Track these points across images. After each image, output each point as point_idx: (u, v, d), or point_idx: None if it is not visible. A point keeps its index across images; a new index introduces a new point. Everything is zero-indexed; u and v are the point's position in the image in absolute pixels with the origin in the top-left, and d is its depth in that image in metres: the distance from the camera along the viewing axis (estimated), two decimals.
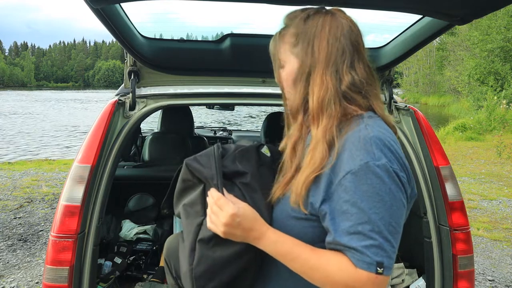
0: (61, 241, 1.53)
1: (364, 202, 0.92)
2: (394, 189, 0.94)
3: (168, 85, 2.04)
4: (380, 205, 0.92)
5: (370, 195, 0.92)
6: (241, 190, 1.09)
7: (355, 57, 1.06)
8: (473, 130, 13.16)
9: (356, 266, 0.92)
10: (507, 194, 6.28)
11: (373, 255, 0.92)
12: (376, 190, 0.93)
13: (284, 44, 1.13)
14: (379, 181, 0.93)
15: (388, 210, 0.93)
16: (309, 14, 1.10)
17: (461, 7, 1.37)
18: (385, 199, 0.93)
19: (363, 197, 0.93)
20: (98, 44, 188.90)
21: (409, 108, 2.02)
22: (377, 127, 1.00)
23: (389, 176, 0.93)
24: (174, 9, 1.91)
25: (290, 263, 0.99)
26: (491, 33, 20.07)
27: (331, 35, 1.05)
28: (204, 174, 1.10)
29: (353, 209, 0.93)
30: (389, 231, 0.92)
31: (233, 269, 1.06)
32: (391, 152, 0.96)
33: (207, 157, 1.13)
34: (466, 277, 1.77)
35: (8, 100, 40.48)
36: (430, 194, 1.84)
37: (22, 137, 14.65)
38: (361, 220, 0.92)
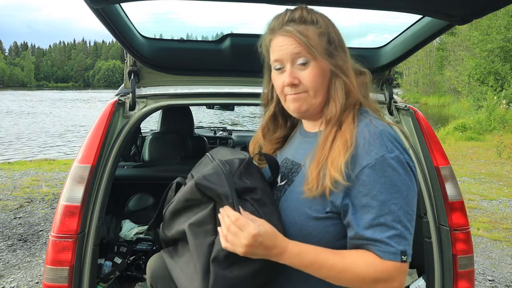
0: (61, 241, 1.53)
1: (384, 194, 0.96)
2: (408, 179, 0.99)
3: (168, 85, 2.04)
4: (398, 195, 0.97)
5: (388, 187, 0.97)
6: (254, 206, 1.05)
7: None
8: (473, 130, 13.15)
9: (382, 258, 0.96)
10: (507, 194, 6.28)
11: (397, 244, 0.96)
12: (393, 181, 0.97)
13: (309, 39, 1.08)
14: (395, 172, 0.97)
15: (405, 199, 0.97)
16: (327, 18, 1.15)
17: (461, 7, 1.37)
18: (402, 189, 0.97)
19: (382, 190, 0.97)
20: (98, 44, 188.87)
21: (409, 108, 2.02)
22: (380, 122, 1.07)
23: (403, 167, 0.99)
24: (174, 9, 1.91)
25: (317, 272, 1.00)
26: (491, 33, 20.06)
27: (337, 31, 1.15)
28: (218, 192, 1.04)
29: (373, 202, 0.97)
30: (408, 220, 0.98)
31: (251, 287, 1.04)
32: (399, 144, 1.02)
33: (217, 175, 1.07)
34: (466, 277, 1.77)
35: (14, 100, 40.50)
36: (430, 194, 1.84)
37: (47, 136, 14.85)
38: (382, 212, 0.96)
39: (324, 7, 1.36)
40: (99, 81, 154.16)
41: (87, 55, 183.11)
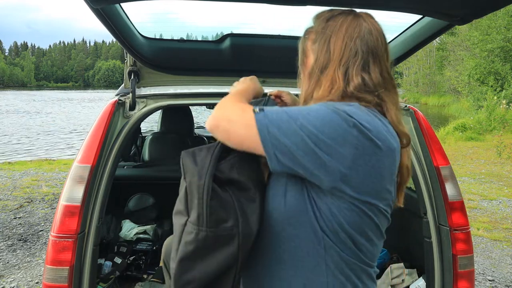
0: (61, 241, 1.53)
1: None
2: (333, 116, 0.94)
3: (168, 85, 2.04)
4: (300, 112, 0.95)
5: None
6: (232, 197, 1.02)
7: (369, 60, 1.06)
8: (473, 130, 13.15)
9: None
10: (507, 194, 6.28)
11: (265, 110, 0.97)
12: (314, 107, 0.96)
13: (307, 40, 1.16)
14: (319, 107, 0.96)
15: (304, 115, 0.94)
16: (333, 15, 1.12)
17: (461, 7, 1.37)
18: (310, 112, 0.95)
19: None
20: (98, 44, 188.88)
21: (409, 108, 2.02)
22: (362, 111, 0.99)
23: (334, 111, 0.94)
24: (174, 9, 1.91)
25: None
26: (491, 33, 20.06)
27: (347, 35, 1.07)
28: (192, 171, 1.01)
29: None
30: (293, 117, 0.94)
31: (211, 274, 1.01)
32: (342, 108, 0.96)
33: (205, 153, 1.05)
34: (466, 277, 1.77)
35: (18, 100, 40.55)
36: (430, 194, 1.84)
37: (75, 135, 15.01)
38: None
39: (324, 7, 1.36)
40: (99, 81, 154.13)
41: (87, 55, 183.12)
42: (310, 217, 0.98)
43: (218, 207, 0.98)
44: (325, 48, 1.08)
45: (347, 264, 1.01)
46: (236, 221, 0.98)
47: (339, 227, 0.96)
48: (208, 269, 1.00)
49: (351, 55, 1.06)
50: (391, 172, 1.00)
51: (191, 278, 1.02)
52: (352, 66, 1.05)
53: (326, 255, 0.99)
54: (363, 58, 1.06)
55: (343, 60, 1.05)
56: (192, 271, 1.01)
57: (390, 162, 0.99)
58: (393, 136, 1.02)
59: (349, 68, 1.05)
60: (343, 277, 1.01)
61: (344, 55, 1.06)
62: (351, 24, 1.08)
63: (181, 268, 1.02)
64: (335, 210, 0.95)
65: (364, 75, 1.05)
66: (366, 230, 0.99)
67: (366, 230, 0.99)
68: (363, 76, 1.05)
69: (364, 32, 1.07)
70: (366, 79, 1.05)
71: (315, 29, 1.13)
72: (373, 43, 1.08)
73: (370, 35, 1.08)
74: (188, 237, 0.99)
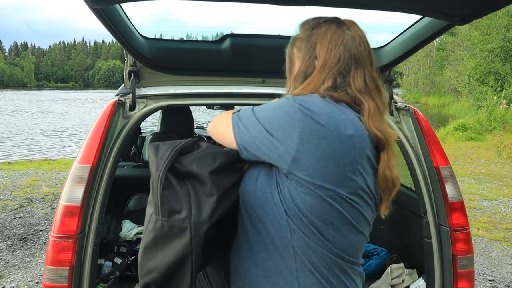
0: (61, 241, 1.53)
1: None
2: (284, 110, 1.01)
3: (168, 85, 2.04)
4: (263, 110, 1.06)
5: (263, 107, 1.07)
6: (189, 190, 1.04)
7: (351, 66, 1.10)
8: (473, 130, 13.15)
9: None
10: (507, 194, 6.28)
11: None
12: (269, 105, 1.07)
13: (293, 48, 1.21)
14: (279, 100, 1.05)
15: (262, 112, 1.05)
16: (318, 23, 1.16)
17: (461, 7, 1.37)
18: (268, 108, 1.06)
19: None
20: (98, 44, 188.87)
21: (409, 108, 2.02)
22: (319, 99, 1.04)
23: (288, 101, 1.02)
24: (174, 9, 1.91)
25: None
26: (491, 33, 20.05)
27: (331, 42, 1.11)
28: (152, 162, 1.05)
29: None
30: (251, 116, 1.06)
31: (170, 263, 1.05)
32: (300, 99, 1.03)
33: (168, 146, 1.08)
34: (466, 277, 1.77)
35: (23, 100, 40.60)
36: (430, 194, 1.84)
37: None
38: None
39: (324, 7, 1.36)
40: (99, 81, 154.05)
41: (87, 55, 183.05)
42: (276, 200, 1.04)
43: (172, 198, 1.02)
44: (310, 55, 1.13)
45: (315, 252, 1.02)
46: (189, 213, 1.01)
47: (299, 211, 1.01)
48: (166, 258, 1.04)
49: (334, 61, 1.10)
50: (351, 159, 1.00)
51: (152, 267, 1.07)
52: (333, 72, 1.09)
53: (293, 239, 1.02)
54: (345, 64, 1.10)
55: (327, 66, 1.10)
56: (154, 260, 1.06)
57: (346, 148, 1.00)
58: (354, 124, 1.03)
59: (329, 74, 1.09)
60: (311, 265, 1.02)
61: (328, 61, 1.10)
62: (336, 32, 1.12)
63: (144, 256, 1.08)
64: (294, 194, 1.01)
65: (338, 78, 1.09)
66: (330, 217, 1.01)
67: (329, 217, 1.01)
68: (336, 78, 1.09)
69: (347, 39, 1.11)
70: (337, 81, 1.09)
71: (300, 37, 1.19)
72: (356, 50, 1.11)
73: (353, 42, 1.12)
74: (150, 226, 1.05)
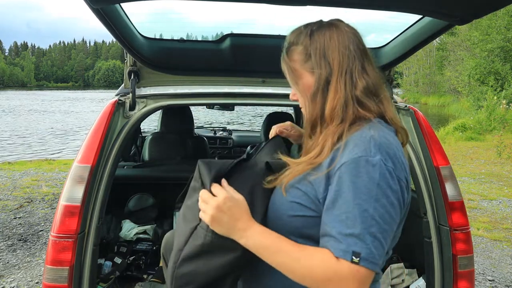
0: (61, 241, 1.53)
1: (351, 193, 0.94)
2: (384, 185, 0.95)
3: (168, 85, 2.04)
4: (366, 198, 0.94)
5: (358, 186, 0.95)
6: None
7: (364, 61, 1.11)
8: (473, 130, 13.15)
9: (334, 254, 0.94)
10: (507, 194, 6.28)
11: (350, 243, 0.93)
12: (364, 183, 0.94)
13: (293, 62, 1.16)
14: (368, 175, 0.95)
15: (373, 204, 0.94)
16: (312, 29, 1.13)
17: (461, 7, 1.37)
18: (372, 193, 0.94)
19: (350, 188, 0.95)
20: (98, 44, 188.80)
21: (409, 108, 2.02)
22: (381, 131, 1.04)
23: (380, 172, 0.95)
24: (174, 9, 1.91)
25: (272, 256, 1.00)
26: (491, 33, 20.05)
27: (340, 44, 1.10)
28: (203, 179, 1.08)
29: (340, 199, 0.96)
30: (371, 225, 0.93)
31: (211, 276, 1.06)
32: (387, 152, 0.98)
33: (219, 165, 1.10)
34: (466, 277, 1.77)
35: (29, 99, 40.65)
36: (430, 194, 1.84)
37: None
38: (344, 210, 0.95)
39: (324, 8, 1.36)
40: (99, 81, 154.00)
41: (87, 55, 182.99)
42: None
43: None
44: (323, 63, 1.10)
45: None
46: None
47: None
48: (210, 272, 1.04)
49: (350, 61, 1.09)
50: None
51: (191, 279, 1.06)
52: (354, 71, 1.09)
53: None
54: (360, 61, 1.10)
55: (344, 68, 1.08)
56: (193, 271, 1.06)
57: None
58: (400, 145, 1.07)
59: (352, 74, 1.08)
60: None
61: (343, 63, 1.08)
62: (338, 33, 1.11)
63: (184, 267, 1.06)
64: None
65: (365, 77, 1.09)
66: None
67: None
68: (364, 78, 1.09)
69: (351, 37, 1.12)
70: (368, 81, 1.09)
71: (300, 48, 1.14)
72: (361, 45, 1.13)
73: (356, 37, 1.13)
74: (197, 241, 1.05)
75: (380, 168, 0.95)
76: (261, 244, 1.01)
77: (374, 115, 1.07)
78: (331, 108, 1.07)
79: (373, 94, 1.09)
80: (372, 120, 1.06)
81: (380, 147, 0.98)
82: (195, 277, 1.06)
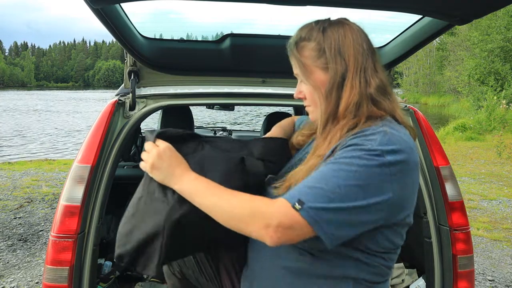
0: (61, 241, 1.53)
1: (331, 168, 0.96)
2: (377, 171, 0.93)
3: (168, 85, 2.04)
4: (343, 174, 0.93)
5: (341, 163, 0.95)
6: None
7: (376, 60, 1.11)
8: (473, 130, 13.15)
9: (274, 195, 0.99)
10: (507, 194, 6.28)
11: (302, 193, 0.95)
12: (353, 163, 0.94)
13: (304, 58, 1.14)
14: (360, 159, 0.94)
15: (349, 181, 0.93)
16: (324, 26, 1.12)
17: (461, 7, 1.37)
18: (351, 172, 0.93)
19: (332, 164, 0.96)
20: (98, 44, 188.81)
21: (409, 108, 2.02)
22: (395, 127, 1.03)
23: (375, 158, 0.94)
24: (174, 9, 1.91)
25: (204, 198, 1.05)
26: (491, 33, 20.05)
27: (355, 42, 1.09)
28: (149, 138, 1.23)
29: (318, 171, 0.98)
30: (334, 191, 0.92)
31: (143, 239, 1.16)
32: (395, 147, 0.96)
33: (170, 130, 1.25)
34: (466, 277, 1.77)
35: (34, 99, 40.70)
36: (430, 194, 1.84)
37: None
38: (315, 177, 0.97)
39: (324, 8, 1.36)
40: (99, 81, 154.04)
41: (87, 55, 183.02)
42: None
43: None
44: (338, 59, 1.08)
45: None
46: (172, 198, 1.14)
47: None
48: (140, 235, 1.17)
49: (365, 60, 1.09)
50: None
51: (128, 240, 1.21)
52: (368, 70, 1.09)
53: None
54: (373, 60, 1.10)
55: (359, 66, 1.08)
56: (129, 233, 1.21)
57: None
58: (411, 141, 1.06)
59: (366, 73, 1.08)
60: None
61: (358, 60, 1.08)
62: (352, 31, 1.11)
63: (123, 227, 1.24)
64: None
65: (377, 76, 1.09)
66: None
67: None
68: (377, 77, 1.09)
69: (363, 35, 1.12)
70: (380, 80, 1.09)
71: (312, 44, 1.12)
72: (371, 44, 1.13)
73: (366, 35, 1.13)
74: (134, 199, 1.31)
75: (375, 155, 0.94)
76: (195, 187, 1.07)
77: (387, 113, 1.07)
78: (346, 105, 1.06)
79: (386, 93, 1.09)
80: (385, 118, 1.06)
81: (389, 141, 0.96)
82: (130, 238, 1.18)
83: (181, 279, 1.59)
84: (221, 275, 1.44)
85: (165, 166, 1.12)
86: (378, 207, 0.95)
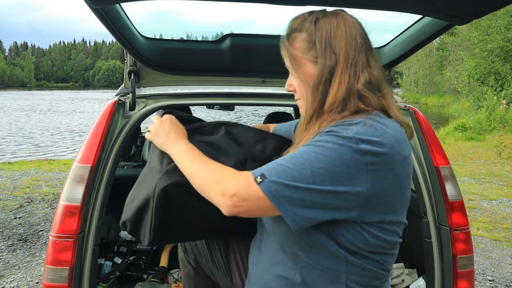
0: (61, 241, 1.53)
1: (303, 151, 0.96)
2: (347, 156, 0.91)
3: (168, 85, 2.04)
4: (313, 158, 0.93)
5: (314, 146, 0.95)
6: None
7: (369, 55, 1.07)
8: (473, 130, 13.15)
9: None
10: (507, 194, 6.28)
11: (268, 168, 0.96)
12: (324, 147, 0.93)
13: (294, 49, 1.10)
14: (331, 143, 0.93)
15: (317, 164, 0.91)
16: (317, 17, 1.08)
17: (461, 7, 1.37)
18: (326, 159, 0.91)
19: (305, 147, 0.96)
20: (98, 44, 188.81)
21: (409, 108, 2.02)
22: (378, 119, 0.99)
23: (349, 147, 0.91)
24: (174, 9, 1.91)
25: (187, 162, 1.14)
26: (491, 33, 20.05)
27: (347, 34, 1.05)
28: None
29: (290, 154, 0.98)
30: (300, 172, 0.92)
31: (137, 207, 1.25)
32: (373, 138, 0.93)
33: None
34: (466, 277, 1.77)
35: (38, 99, 40.77)
36: (430, 194, 1.84)
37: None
38: (287, 159, 0.96)
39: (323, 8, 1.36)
40: (99, 81, 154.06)
41: (87, 55, 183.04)
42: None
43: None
44: (328, 52, 1.04)
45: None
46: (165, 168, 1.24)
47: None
48: (136, 203, 1.26)
49: (357, 54, 1.04)
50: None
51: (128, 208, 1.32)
52: (359, 64, 1.04)
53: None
54: (366, 54, 1.06)
55: (350, 59, 1.03)
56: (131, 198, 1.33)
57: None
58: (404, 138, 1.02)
59: (357, 67, 1.03)
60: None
61: (349, 55, 1.03)
62: (345, 23, 1.06)
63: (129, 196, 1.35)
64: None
65: (369, 71, 1.04)
66: None
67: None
68: (368, 72, 1.04)
69: (358, 28, 1.07)
70: (371, 76, 1.04)
71: (303, 35, 1.08)
72: (366, 37, 1.09)
73: (361, 29, 1.09)
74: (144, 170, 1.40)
75: (351, 144, 0.91)
76: (181, 152, 1.17)
77: (374, 109, 1.03)
78: (332, 101, 1.02)
79: (375, 89, 1.04)
80: (372, 112, 1.02)
81: (367, 131, 0.93)
82: (131, 205, 1.28)
83: (195, 267, 1.65)
84: (230, 266, 1.46)
85: (164, 132, 1.25)
86: (348, 197, 0.92)
